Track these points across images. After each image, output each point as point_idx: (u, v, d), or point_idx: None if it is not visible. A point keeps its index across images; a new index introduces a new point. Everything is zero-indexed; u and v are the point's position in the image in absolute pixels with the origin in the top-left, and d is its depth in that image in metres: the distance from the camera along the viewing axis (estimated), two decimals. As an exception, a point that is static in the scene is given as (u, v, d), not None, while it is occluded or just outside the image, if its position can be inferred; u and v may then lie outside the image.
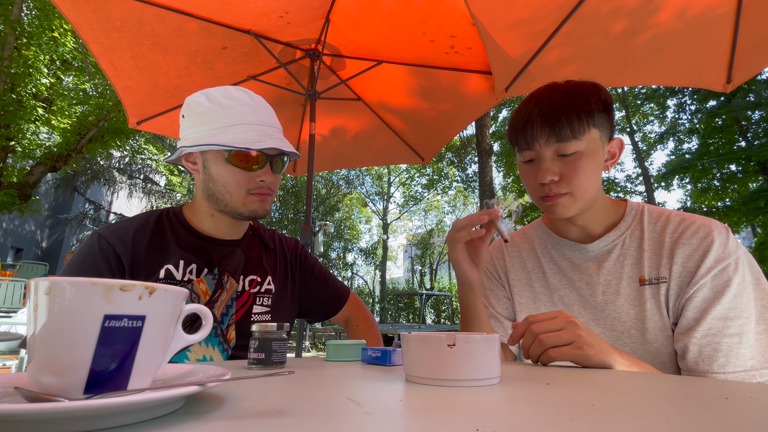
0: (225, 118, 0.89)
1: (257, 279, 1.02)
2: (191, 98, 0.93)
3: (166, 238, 0.93)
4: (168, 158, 0.97)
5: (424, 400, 0.40)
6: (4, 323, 3.47)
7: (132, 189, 14.80)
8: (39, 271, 9.08)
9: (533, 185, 0.85)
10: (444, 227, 19.72)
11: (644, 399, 0.39)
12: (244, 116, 0.90)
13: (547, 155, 0.81)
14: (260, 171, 0.92)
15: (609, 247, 0.86)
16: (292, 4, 2.15)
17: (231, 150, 0.88)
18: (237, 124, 0.89)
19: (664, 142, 12.09)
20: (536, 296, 0.95)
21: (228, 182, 0.91)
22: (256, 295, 1.01)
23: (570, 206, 0.82)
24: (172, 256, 0.91)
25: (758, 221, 8.98)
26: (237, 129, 0.88)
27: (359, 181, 18.42)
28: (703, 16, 1.91)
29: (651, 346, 0.79)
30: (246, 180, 0.92)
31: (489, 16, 1.74)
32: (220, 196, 0.93)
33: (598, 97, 0.79)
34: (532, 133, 0.81)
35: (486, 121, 9.01)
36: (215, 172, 0.91)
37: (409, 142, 3.20)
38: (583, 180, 0.80)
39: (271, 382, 0.49)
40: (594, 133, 0.80)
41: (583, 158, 0.79)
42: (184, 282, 0.91)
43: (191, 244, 0.95)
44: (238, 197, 0.92)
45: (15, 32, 6.91)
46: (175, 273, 0.90)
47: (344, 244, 18.67)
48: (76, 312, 0.32)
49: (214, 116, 0.89)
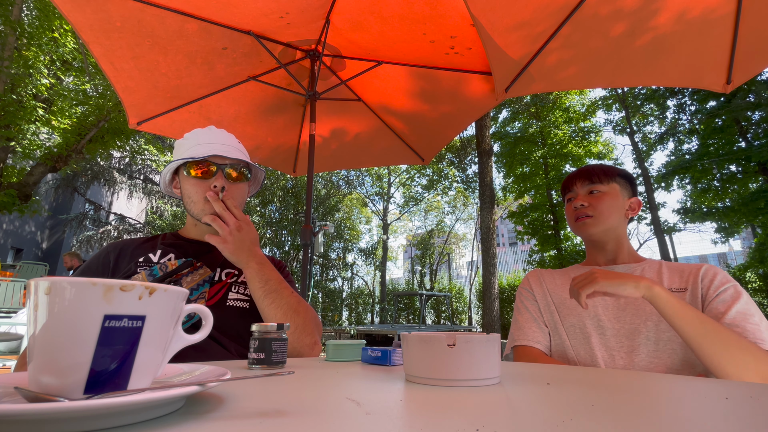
0: (191, 142, 1.08)
1: (234, 272, 1.08)
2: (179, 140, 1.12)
3: (155, 242, 1.09)
4: (162, 188, 1.14)
5: (424, 400, 0.40)
6: (4, 323, 3.47)
7: (132, 189, 14.80)
8: (39, 271, 9.09)
9: (571, 212, 1.18)
10: (444, 227, 19.72)
11: (644, 399, 0.39)
12: (198, 139, 1.08)
13: (582, 192, 1.17)
14: (212, 179, 1.05)
15: (631, 269, 1.09)
16: (292, 4, 2.15)
17: (187, 164, 1.05)
18: (197, 144, 1.07)
19: (664, 142, 12.08)
20: (564, 302, 1.14)
21: (190, 192, 1.05)
22: (233, 284, 1.05)
23: (593, 225, 1.11)
24: (154, 249, 1.06)
25: (758, 222, 8.98)
26: (194, 148, 1.06)
27: (359, 182, 18.41)
28: (703, 17, 1.91)
29: (666, 345, 0.94)
30: (203, 188, 1.03)
31: (489, 17, 1.74)
32: (189, 207, 1.06)
33: (619, 170, 1.17)
34: (573, 181, 1.19)
35: (486, 121, 9.01)
36: (183, 186, 1.06)
37: (409, 142, 3.20)
38: (604, 208, 1.11)
39: (271, 382, 0.49)
40: (615, 186, 1.14)
41: (606, 196, 1.13)
42: (160, 264, 1.01)
43: (174, 243, 1.10)
44: (198, 204, 1.04)
45: (15, 32, 6.90)
46: (153, 258, 1.03)
47: (344, 245, 18.66)
48: (76, 312, 0.32)
49: (185, 142, 1.09)
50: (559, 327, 1.09)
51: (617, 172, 1.16)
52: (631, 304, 1.02)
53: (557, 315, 1.11)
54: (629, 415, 0.33)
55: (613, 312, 1.03)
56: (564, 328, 1.08)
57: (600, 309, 1.05)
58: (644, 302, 0.98)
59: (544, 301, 1.16)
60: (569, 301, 1.11)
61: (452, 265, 22.12)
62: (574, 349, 1.03)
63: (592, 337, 1.02)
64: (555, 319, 1.11)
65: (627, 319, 1.00)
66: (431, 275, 18.47)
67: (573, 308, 1.09)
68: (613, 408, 0.36)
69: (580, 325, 1.05)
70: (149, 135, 10.40)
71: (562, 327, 1.08)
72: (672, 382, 0.51)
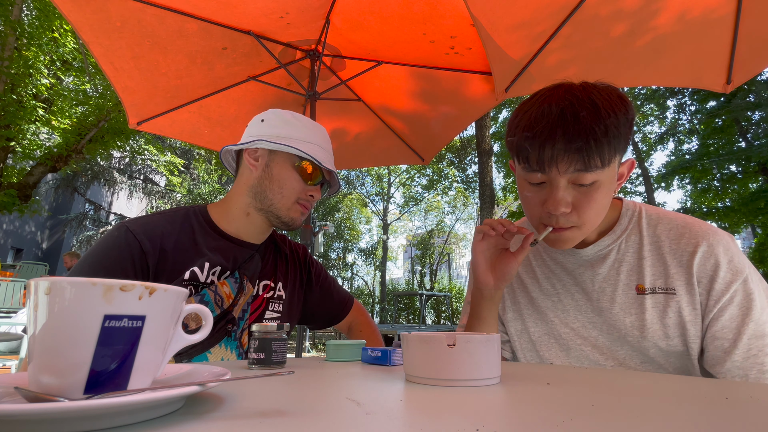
0: (306, 135, 1.00)
1: (270, 284, 1.04)
2: (275, 110, 1.04)
3: (194, 239, 0.94)
4: (235, 146, 1.01)
5: (424, 400, 0.40)
6: (4, 323, 3.47)
7: (132, 189, 14.79)
8: (39, 271, 9.08)
9: (536, 210, 0.75)
10: (444, 227, 19.71)
11: (644, 399, 0.39)
12: (320, 140, 1.03)
13: (562, 183, 0.70)
14: (313, 186, 1.02)
15: (604, 252, 0.82)
16: (292, 4, 2.15)
17: (302, 160, 0.99)
18: (314, 143, 1.01)
19: (664, 142, 12.09)
20: (532, 300, 0.92)
21: (285, 185, 0.98)
22: (270, 300, 1.03)
23: (574, 239, 0.76)
24: (198, 257, 0.92)
25: (758, 222, 8.98)
26: (314, 147, 1.00)
27: (359, 182, 18.42)
28: (703, 17, 1.91)
29: (649, 352, 0.77)
30: (301, 189, 1.00)
31: (489, 17, 1.74)
32: (270, 194, 0.98)
33: (627, 117, 0.68)
34: (552, 155, 0.67)
35: (486, 121, 9.01)
36: (278, 172, 0.98)
37: (409, 142, 3.20)
38: (594, 213, 0.73)
39: (271, 382, 0.49)
40: (617, 159, 0.70)
41: (601, 189, 0.70)
42: (207, 284, 0.92)
43: (217, 245, 0.97)
44: (287, 201, 0.99)
45: (15, 33, 6.90)
46: (199, 275, 0.92)
47: (344, 245, 18.67)
48: (76, 312, 0.32)
49: (296, 129, 1.00)
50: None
51: (624, 129, 0.68)
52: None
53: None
54: (629, 415, 0.33)
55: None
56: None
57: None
58: (617, 321, 0.80)
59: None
60: None
61: (452, 265, 22.12)
62: None
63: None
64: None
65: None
66: (431, 275, 18.46)
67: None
68: (613, 408, 0.36)
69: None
70: (149, 135, 10.39)
71: None
72: (672, 382, 0.51)
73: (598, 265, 0.83)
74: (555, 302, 0.88)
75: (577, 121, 0.66)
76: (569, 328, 0.85)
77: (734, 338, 0.70)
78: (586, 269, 0.85)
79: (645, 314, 0.77)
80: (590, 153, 0.66)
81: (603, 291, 0.82)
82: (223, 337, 0.93)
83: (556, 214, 0.72)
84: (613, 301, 0.81)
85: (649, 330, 0.76)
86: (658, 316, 0.76)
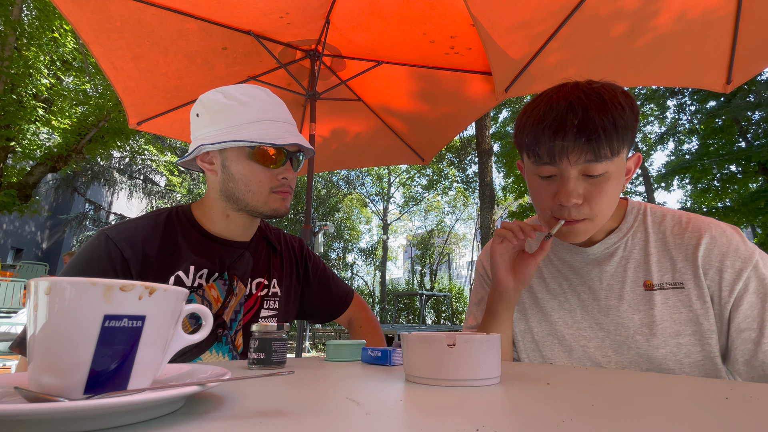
0: (246, 115, 0.86)
1: (264, 282, 1.00)
2: (206, 96, 0.90)
3: (177, 242, 0.90)
4: (182, 159, 0.92)
5: (424, 400, 0.40)
6: (4, 323, 3.47)
7: (132, 189, 14.80)
8: (39, 271, 9.09)
9: (547, 203, 0.76)
10: (444, 227, 19.72)
11: (644, 399, 0.39)
12: (266, 113, 0.88)
13: (573, 174, 0.71)
14: (282, 168, 0.90)
15: (610, 250, 0.83)
16: (292, 4, 2.15)
17: (255, 146, 0.86)
18: (259, 121, 0.86)
19: (664, 142, 12.08)
20: (537, 301, 0.92)
21: (250, 180, 0.88)
22: (264, 298, 0.99)
23: (587, 232, 0.76)
24: (183, 261, 0.88)
25: (758, 222, 8.97)
26: (259, 125, 0.86)
27: (359, 182, 18.42)
28: (703, 17, 1.91)
29: (657, 351, 0.75)
30: (269, 178, 0.89)
31: (489, 17, 1.74)
32: (240, 196, 0.90)
33: (633, 110, 0.70)
34: (563, 146, 0.69)
35: (486, 121, 9.01)
36: (236, 170, 0.88)
37: (409, 142, 3.20)
38: (605, 205, 0.73)
39: (271, 382, 0.49)
40: (625, 151, 0.72)
41: (611, 180, 0.71)
42: (194, 288, 0.88)
43: (203, 247, 0.92)
44: (261, 196, 0.90)
45: (15, 33, 6.91)
46: (185, 279, 0.87)
47: (344, 245, 18.66)
48: (76, 312, 0.32)
49: (233, 113, 0.86)
50: None
51: (631, 121, 0.69)
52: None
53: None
54: (629, 415, 0.33)
55: None
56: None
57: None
58: (625, 318, 0.80)
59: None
60: None
61: (452, 265, 22.13)
62: None
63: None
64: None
65: None
66: (431, 275, 18.46)
67: None
68: (613, 408, 0.36)
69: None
70: (149, 135, 10.40)
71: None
72: (672, 382, 0.51)
73: (606, 263, 0.83)
74: (561, 302, 0.89)
75: (586, 113, 0.68)
76: (573, 328, 0.86)
77: (759, 327, 0.69)
78: (594, 267, 0.85)
79: (654, 310, 0.77)
80: (600, 143, 0.67)
81: (611, 288, 0.82)
82: (214, 343, 0.90)
83: (567, 206, 0.73)
84: (621, 299, 0.81)
85: (659, 327, 0.75)
86: (668, 312, 0.76)
